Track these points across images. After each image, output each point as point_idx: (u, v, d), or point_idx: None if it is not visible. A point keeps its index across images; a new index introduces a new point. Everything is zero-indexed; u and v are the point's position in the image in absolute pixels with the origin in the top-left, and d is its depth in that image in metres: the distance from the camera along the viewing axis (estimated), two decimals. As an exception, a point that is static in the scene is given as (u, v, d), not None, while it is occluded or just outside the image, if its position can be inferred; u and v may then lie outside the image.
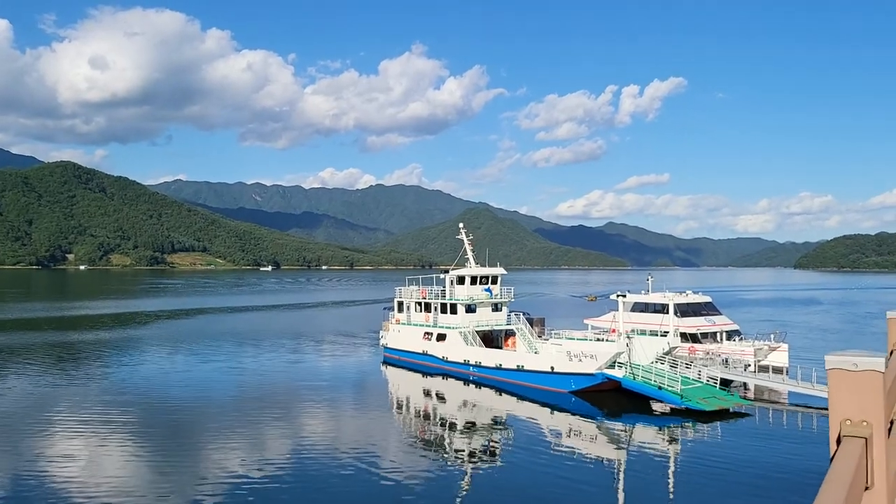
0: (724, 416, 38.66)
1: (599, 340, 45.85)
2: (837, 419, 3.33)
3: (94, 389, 45.87)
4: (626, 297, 49.10)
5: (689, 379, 42.21)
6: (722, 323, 54.59)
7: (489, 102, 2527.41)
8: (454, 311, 55.24)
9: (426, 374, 53.80)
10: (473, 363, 51.62)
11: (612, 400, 42.70)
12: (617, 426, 38.90)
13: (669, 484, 27.71)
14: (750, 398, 43.04)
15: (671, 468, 29.86)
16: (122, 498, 24.71)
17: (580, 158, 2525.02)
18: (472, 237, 59.73)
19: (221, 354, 64.29)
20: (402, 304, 60.88)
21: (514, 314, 54.46)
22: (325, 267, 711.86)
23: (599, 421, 39.49)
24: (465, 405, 45.36)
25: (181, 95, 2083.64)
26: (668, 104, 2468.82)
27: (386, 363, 59.23)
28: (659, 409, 40.88)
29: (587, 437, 36.42)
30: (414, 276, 65.15)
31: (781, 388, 43.40)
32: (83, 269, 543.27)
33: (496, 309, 56.39)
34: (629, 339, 44.54)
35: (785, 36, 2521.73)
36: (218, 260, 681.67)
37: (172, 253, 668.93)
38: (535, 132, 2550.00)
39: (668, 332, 45.70)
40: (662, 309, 52.84)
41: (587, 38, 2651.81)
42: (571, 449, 32.80)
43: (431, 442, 34.88)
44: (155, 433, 34.36)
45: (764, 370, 47.49)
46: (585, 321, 60.17)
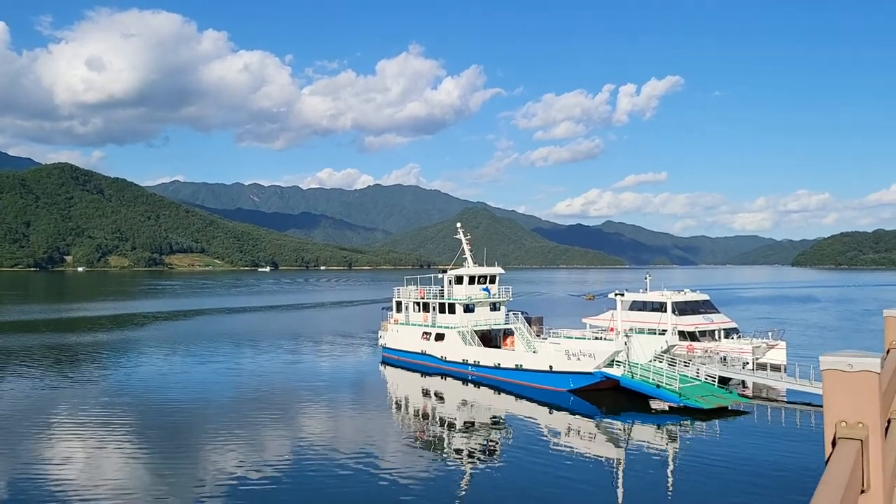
0: (722, 413, 38.68)
1: (598, 339, 45.84)
2: (832, 421, 3.28)
3: (92, 391, 45.81)
4: (624, 295, 49.11)
5: (687, 377, 42.26)
6: (720, 321, 54.53)
7: (486, 102, 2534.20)
8: (452, 310, 55.20)
9: (425, 373, 53.77)
10: (472, 363, 51.58)
11: (610, 398, 42.69)
12: (616, 425, 38.91)
13: (668, 482, 27.69)
14: (748, 396, 43.06)
15: (670, 466, 29.83)
16: (121, 499, 24.66)
17: (578, 157, 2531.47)
18: (470, 237, 59.65)
19: (220, 355, 64.18)
20: (400, 304, 60.81)
21: (512, 313, 54.39)
22: (323, 267, 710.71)
23: (598, 420, 39.49)
24: (463, 405, 45.32)
25: (178, 96, 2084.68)
26: (665, 103, 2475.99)
27: (384, 363, 59.18)
28: (657, 407, 40.87)
29: (586, 435, 36.40)
30: (412, 275, 65.07)
31: (780, 385, 43.48)
32: (81, 270, 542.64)
33: (494, 308, 56.34)
34: (627, 337, 44.49)
35: (781, 35, 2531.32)
36: (216, 261, 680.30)
37: (170, 254, 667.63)
38: (532, 132, 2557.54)
39: (666, 330, 45.71)
40: (660, 307, 52.96)
41: (584, 37, 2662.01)
42: (570, 448, 32.80)
43: (430, 442, 34.83)
44: (153, 434, 34.34)
45: (762, 368, 47.46)
46: (584, 320, 60.15)
